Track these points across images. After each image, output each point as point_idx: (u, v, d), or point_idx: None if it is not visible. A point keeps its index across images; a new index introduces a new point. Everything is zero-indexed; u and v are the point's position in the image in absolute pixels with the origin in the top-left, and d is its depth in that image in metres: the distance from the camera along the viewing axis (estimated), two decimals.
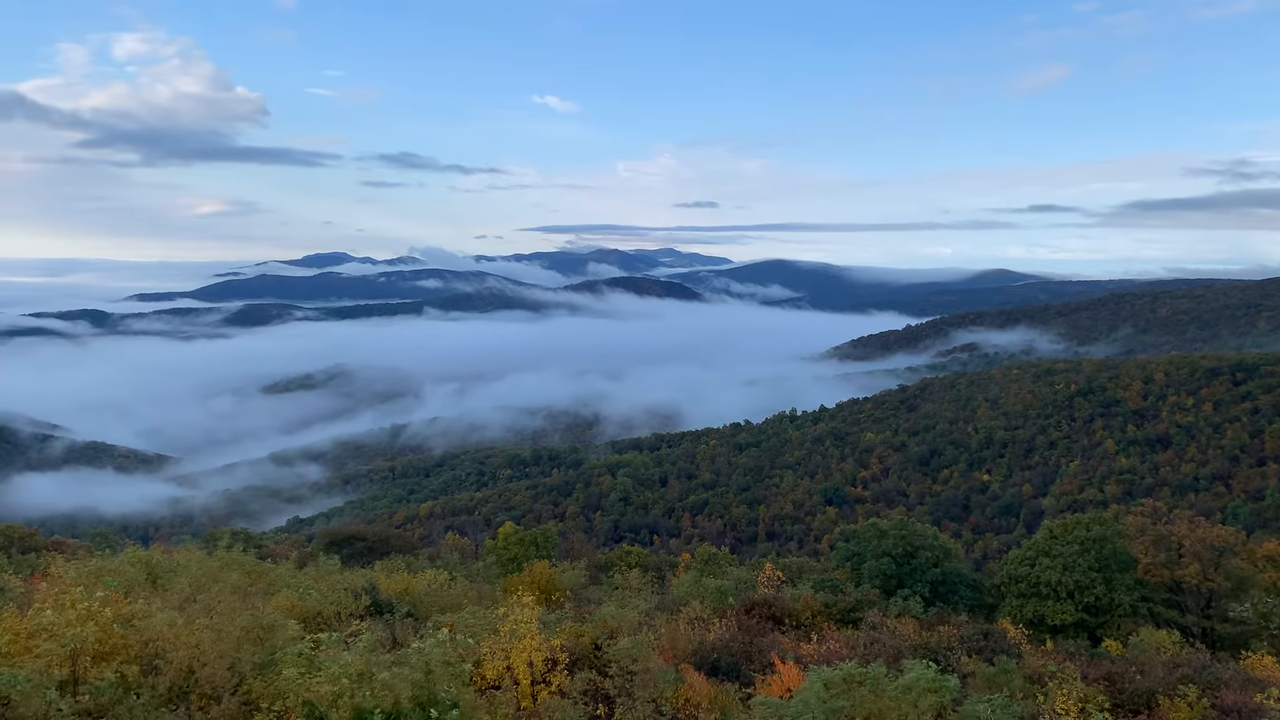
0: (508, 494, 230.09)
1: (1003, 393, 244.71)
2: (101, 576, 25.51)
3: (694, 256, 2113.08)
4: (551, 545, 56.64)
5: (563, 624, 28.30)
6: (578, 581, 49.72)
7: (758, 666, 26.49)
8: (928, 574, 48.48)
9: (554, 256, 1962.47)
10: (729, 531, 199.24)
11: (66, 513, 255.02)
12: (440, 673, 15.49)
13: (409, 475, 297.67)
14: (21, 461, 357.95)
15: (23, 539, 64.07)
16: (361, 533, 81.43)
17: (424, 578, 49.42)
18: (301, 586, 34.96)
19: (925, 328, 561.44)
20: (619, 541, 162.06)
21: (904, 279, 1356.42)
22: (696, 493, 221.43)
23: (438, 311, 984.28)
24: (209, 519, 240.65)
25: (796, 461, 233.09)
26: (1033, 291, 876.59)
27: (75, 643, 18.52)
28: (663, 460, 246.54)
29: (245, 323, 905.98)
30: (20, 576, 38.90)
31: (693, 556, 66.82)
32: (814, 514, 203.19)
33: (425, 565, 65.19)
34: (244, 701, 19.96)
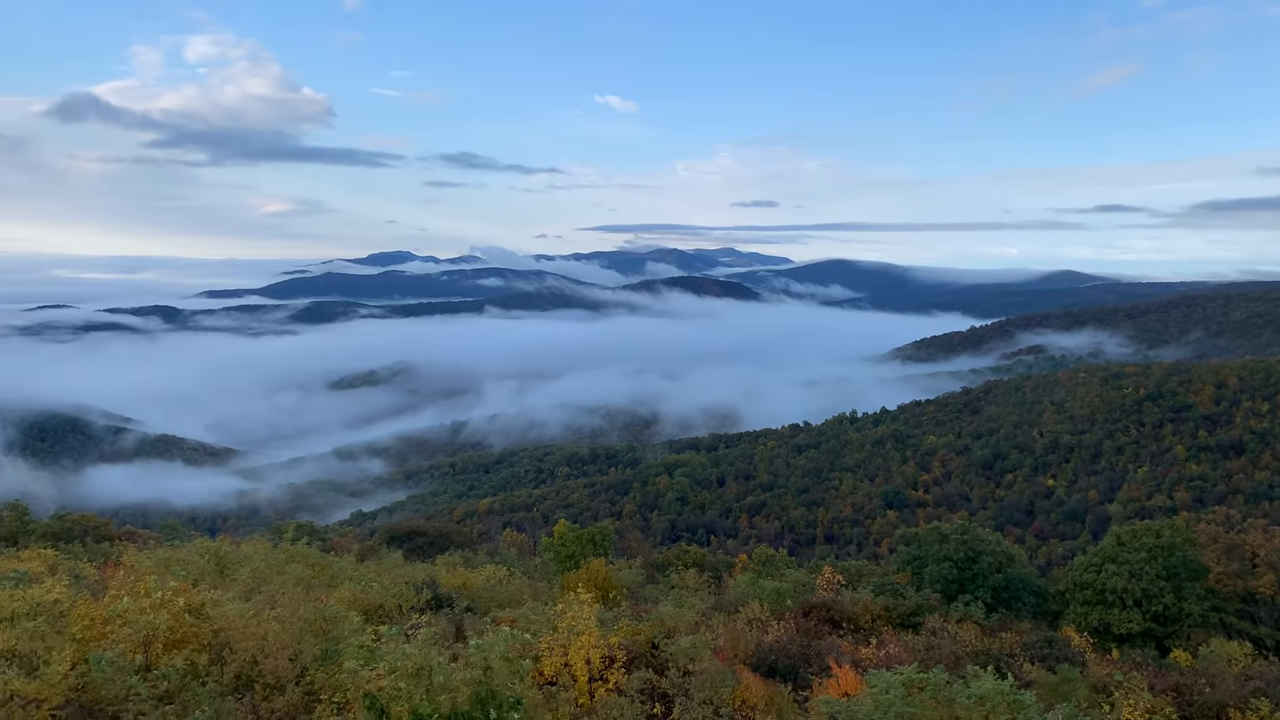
0: (565, 492, 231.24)
1: (1069, 396, 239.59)
2: (171, 566, 26.23)
3: (753, 256, 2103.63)
4: (609, 543, 56.78)
5: (620, 622, 28.38)
6: (634, 580, 49.79)
7: (815, 669, 26.31)
8: (990, 579, 47.71)
9: (613, 256, 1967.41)
10: (787, 533, 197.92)
11: (138, 504, 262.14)
12: (501, 669, 15.60)
13: (469, 471, 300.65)
14: (95, 453, 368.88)
15: (97, 528, 65.90)
16: (422, 528, 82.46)
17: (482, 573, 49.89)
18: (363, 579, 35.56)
19: (990, 329, 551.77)
20: (676, 541, 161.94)
21: (968, 279, 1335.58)
22: (754, 494, 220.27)
23: (498, 310, 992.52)
24: (274, 512, 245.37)
25: (857, 464, 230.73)
26: (1100, 293, 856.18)
27: (148, 630, 19.06)
28: (720, 460, 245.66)
29: (311, 320, 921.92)
30: (95, 565, 40.04)
31: (750, 557, 66.58)
32: (874, 517, 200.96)
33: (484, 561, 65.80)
34: (306, 692, 20.37)
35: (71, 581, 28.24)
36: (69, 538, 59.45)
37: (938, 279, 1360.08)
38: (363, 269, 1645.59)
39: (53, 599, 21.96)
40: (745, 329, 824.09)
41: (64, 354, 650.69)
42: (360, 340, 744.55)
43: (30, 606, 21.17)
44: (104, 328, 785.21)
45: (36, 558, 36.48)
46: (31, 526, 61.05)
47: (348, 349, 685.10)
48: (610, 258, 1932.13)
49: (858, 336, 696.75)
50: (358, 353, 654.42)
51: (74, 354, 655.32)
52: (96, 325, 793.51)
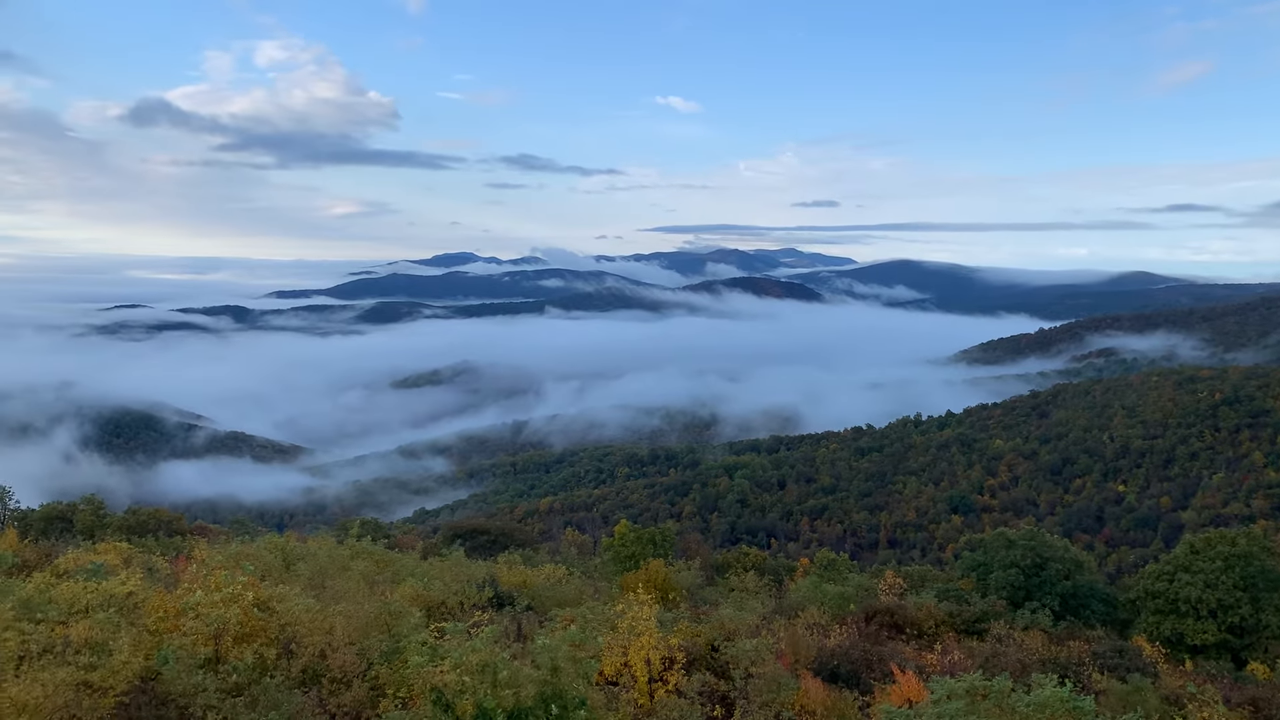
0: (625, 492, 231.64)
1: (1141, 400, 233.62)
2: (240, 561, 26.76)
3: (816, 257, 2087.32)
4: (669, 544, 56.72)
5: (680, 623, 28.31)
6: (693, 581, 49.69)
7: (877, 675, 25.99)
8: (1058, 586, 46.71)
9: (673, 256, 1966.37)
10: (849, 537, 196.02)
11: (208, 499, 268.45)
12: (567, 669, 15.60)
13: (529, 471, 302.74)
14: (167, 449, 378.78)
15: (169, 523, 67.54)
16: (484, 526, 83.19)
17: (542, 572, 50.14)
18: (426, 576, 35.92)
19: (1059, 331, 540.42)
20: (735, 543, 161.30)
21: (1036, 280, 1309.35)
22: (815, 497, 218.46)
23: (559, 311, 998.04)
24: (340, 508, 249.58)
25: (921, 468, 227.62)
26: (1174, 295, 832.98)
27: (219, 623, 19.44)
28: (781, 463, 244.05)
29: (377, 320, 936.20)
30: (167, 559, 41.02)
31: (811, 561, 66.03)
32: (938, 522, 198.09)
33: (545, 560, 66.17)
34: (372, 687, 20.62)
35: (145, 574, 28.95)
36: (143, 532, 61.05)
37: (1005, 280, 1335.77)
38: (427, 270, 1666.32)
39: (125, 591, 22.49)
40: (807, 330, 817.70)
41: (138, 352, 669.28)
42: (424, 340, 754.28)
43: (104, 598, 21.70)
44: (177, 327, 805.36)
45: (112, 551, 37.49)
46: (107, 520, 62.81)
47: (412, 349, 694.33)
48: (670, 258, 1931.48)
49: (923, 338, 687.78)
50: (422, 352, 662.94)
51: (148, 353, 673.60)
52: (170, 324, 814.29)
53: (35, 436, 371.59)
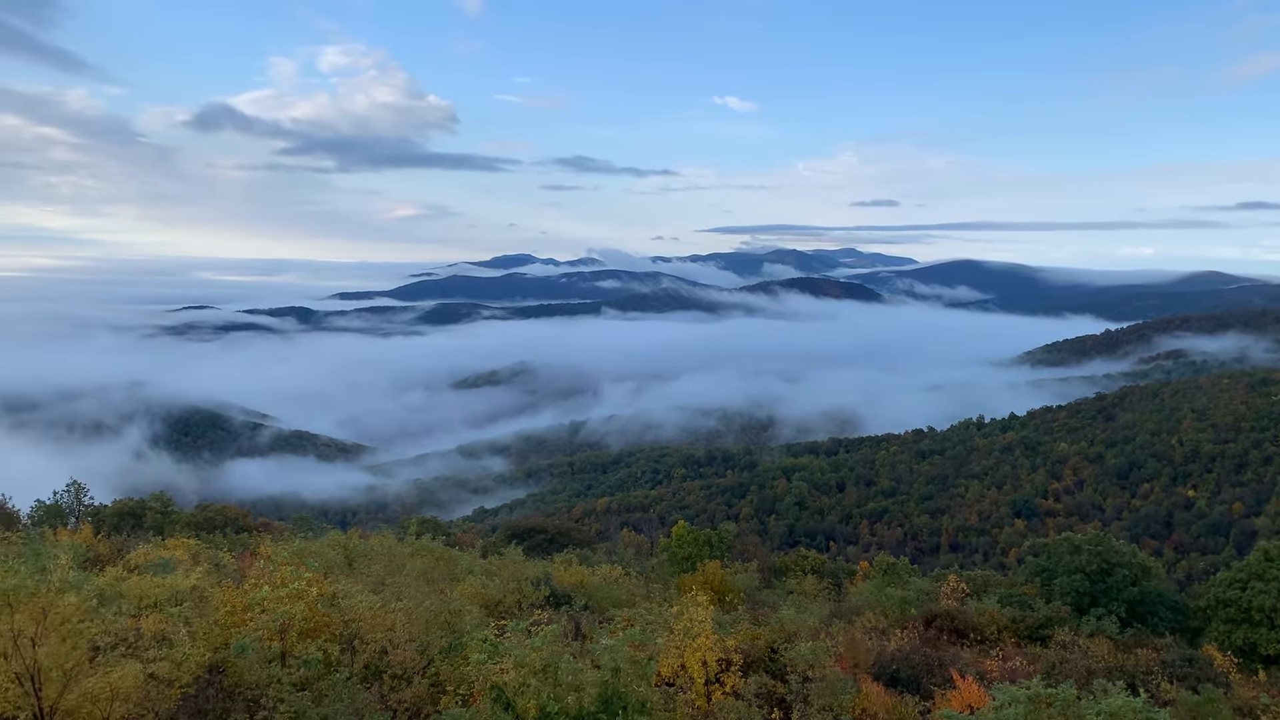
0: (682, 493, 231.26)
1: (1211, 403, 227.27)
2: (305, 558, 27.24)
3: (876, 257, 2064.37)
4: (726, 546, 56.53)
5: (737, 625, 28.20)
6: (751, 584, 49.45)
7: (938, 680, 25.65)
8: (1124, 593, 45.64)
9: (729, 257, 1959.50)
10: (909, 541, 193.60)
11: (273, 496, 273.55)
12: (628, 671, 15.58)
13: (587, 471, 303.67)
14: (234, 448, 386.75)
15: (236, 520, 69.06)
16: (542, 525, 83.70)
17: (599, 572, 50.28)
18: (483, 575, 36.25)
19: (1126, 333, 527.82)
20: (793, 546, 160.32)
21: (1101, 280, 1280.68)
22: (875, 500, 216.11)
23: (615, 312, 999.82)
24: (401, 507, 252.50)
25: (983, 471, 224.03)
26: (1247, 295, 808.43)
27: (285, 618, 19.81)
28: (840, 465, 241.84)
29: (437, 321, 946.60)
30: (234, 554, 41.90)
31: (871, 565, 65.34)
32: (1001, 526, 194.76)
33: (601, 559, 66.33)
34: (432, 684, 20.85)
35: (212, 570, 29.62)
36: (210, 528, 62.50)
37: (1070, 280, 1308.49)
38: (486, 271, 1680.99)
39: (191, 586, 23.02)
40: (866, 331, 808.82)
41: (206, 353, 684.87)
42: (483, 341, 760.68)
43: (172, 593, 22.24)
44: (243, 328, 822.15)
45: (180, 546, 38.41)
46: (176, 517, 64.38)
47: (471, 349, 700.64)
48: (727, 259, 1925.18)
49: (985, 339, 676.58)
50: (481, 353, 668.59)
51: (215, 353, 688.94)
52: (236, 325, 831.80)
53: (107, 434, 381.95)
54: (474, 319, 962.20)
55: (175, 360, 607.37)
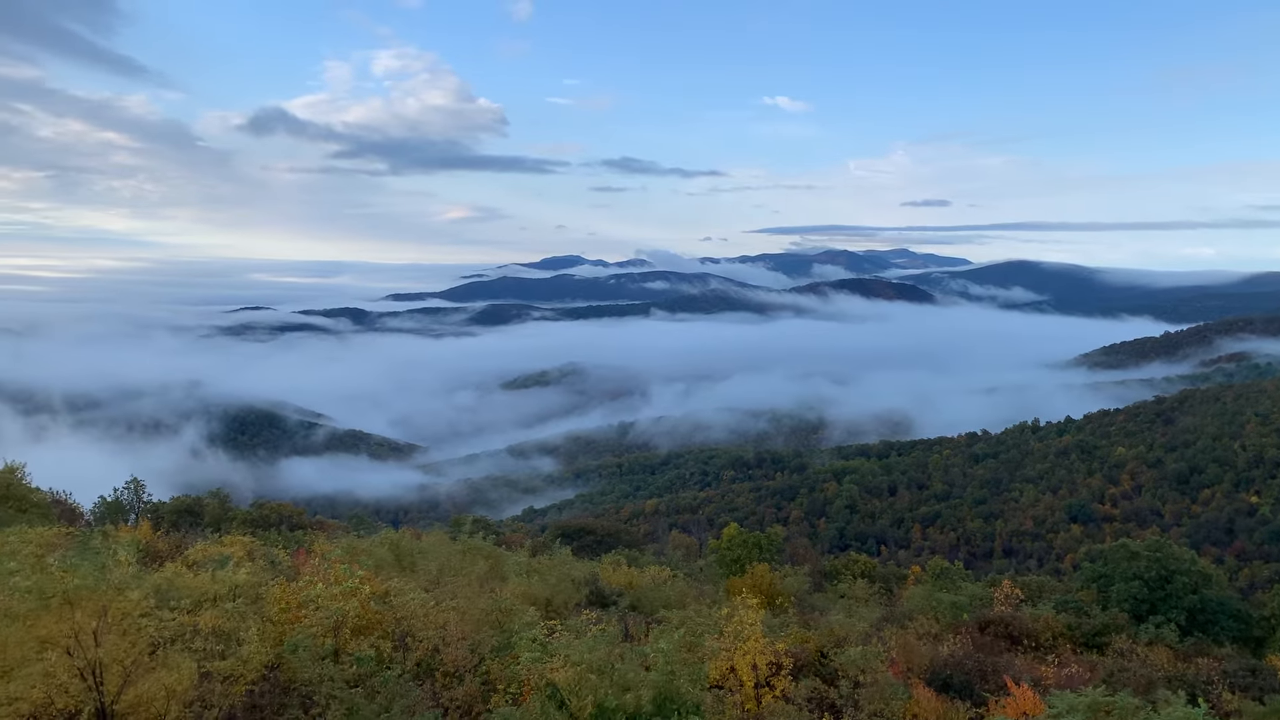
0: (731, 495, 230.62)
1: (1276, 407, 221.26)
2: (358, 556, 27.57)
3: (929, 257, 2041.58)
4: (776, 549, 56.23)
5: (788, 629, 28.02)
6: (801, 587, 49.14)
7: (991, 687, 25.27)
8: (1184, 600, 44.58)
9: (779, 258, 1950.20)
10: (962, 545, 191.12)
11: (327, 495, 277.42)
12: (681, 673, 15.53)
13: (635, 472, 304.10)
14: (289, 446, 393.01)
15: (291, 517, 70.14)
16: (591, 525, 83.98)
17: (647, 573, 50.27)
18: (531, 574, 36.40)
19: (1186, 335, 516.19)
20: (844, 549, 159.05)
21: (1161, 281, 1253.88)
22: (928, 504, 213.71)
23: (664, 313, 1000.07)
24: (452, 506, 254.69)
25: (1039, 475, 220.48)
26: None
27: (338, 616, 20.04)
28: (891, 468, 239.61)
29: (488, 322, 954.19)
30: (288, 551, 42.53)
31: (923, 569, 64.61)
32: (1056, 531, 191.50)
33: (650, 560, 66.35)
34: (483, 682, 20.98)
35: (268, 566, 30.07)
36: (266, 525, 63.53)
37: (1128, 281, 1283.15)
38: (535, 273, 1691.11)
39: (249, 582, 23.38)
40: (919, 333, 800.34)
41: (262, 353, 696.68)
42: (533, 342, 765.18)
43: (230, 589, 22.61)
44: (298, 328, 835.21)
45: (237, 543, 39.08)
46: (232, 514, 65.58)
47: (521, 350, 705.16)
48: (776, 260, 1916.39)
49: (1041, 341, 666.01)
50: (530, 354, 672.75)
51: (271, 353, 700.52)
52: (292, 326, 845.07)
53: (166, 433, 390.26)
54: (524, 320, 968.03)
55: (232, 360, 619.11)
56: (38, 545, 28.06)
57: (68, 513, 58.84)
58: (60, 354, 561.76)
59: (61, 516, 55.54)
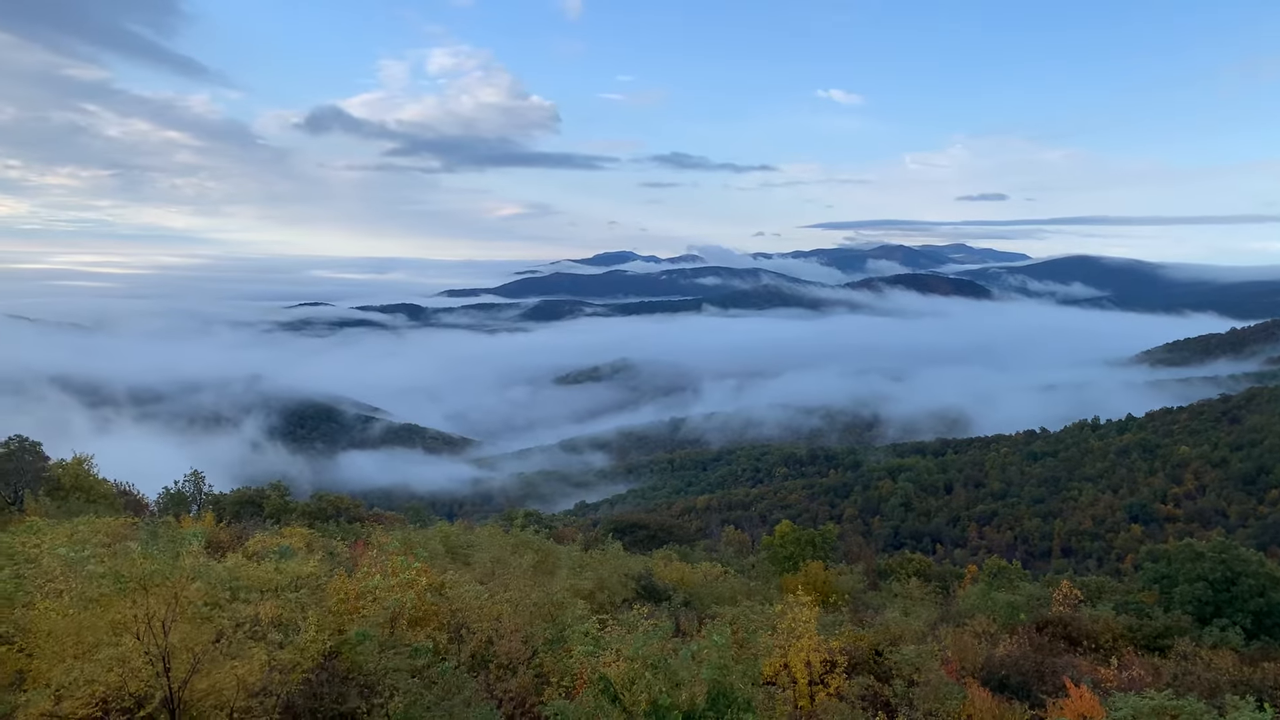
0: (783, 492, 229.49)
1: None
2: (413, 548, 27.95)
3: (987, 252, 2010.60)
4: (830, 547, 55.91)
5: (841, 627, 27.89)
6: (855, 586, 48.82)
7: (1050, 688, 24.92)
8: (1250, 603, 43.45)
9: (832, 253, 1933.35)
10: (1019, 545, 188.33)
11: (383, 488, 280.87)
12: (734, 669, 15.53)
13: (687, 468, 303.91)
14: (346, 440, 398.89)
15: (349, 509, 71.16)
16: (643, 521, 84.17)
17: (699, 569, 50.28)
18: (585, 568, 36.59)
19: (1253, 331, 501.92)
20: (899, 548, 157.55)
21: (1227, 277, 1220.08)
22: (984, 502, 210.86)
23: (716, 309, 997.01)
24: (506, 499, 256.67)
25: (1098, 474, 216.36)
26: None
27: (396, 607, 20.38)
28: (947, 466, 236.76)
29: (541, 317, 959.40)
30: (346, 543, 43.25)
31: (980, 568, 63.80)
32: (1116, 531, 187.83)
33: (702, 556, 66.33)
34: (536, 675, 21.19)
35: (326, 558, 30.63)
36: (324, 517, 64.59)
37: (1192, 276, 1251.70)
38: (588, 269, 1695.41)
39: (309, 573, 23.86)
40: (976, 329, 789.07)
41: (321, 348, 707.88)
42: (585, 337, 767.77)
43: (291, 579, 23.08)
44: (356, 324, 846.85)
45: (296, 535, 39.85)
46: (292, 506, 66.77)
47: (573, 346, 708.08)
48: (830, 255, 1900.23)
49: (1101, 338, 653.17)
50: (583, 349, 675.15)
51: (329, 348, 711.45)
52: (349, 321, 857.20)
53: (227, 426, 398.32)
54: (576, 316, 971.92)
55: (291, 355, 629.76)
56: (106, 534, 28.93)
57: (133, 503, 60.41)
58: (125, 348, 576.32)
59: (127, 507, 57.04)
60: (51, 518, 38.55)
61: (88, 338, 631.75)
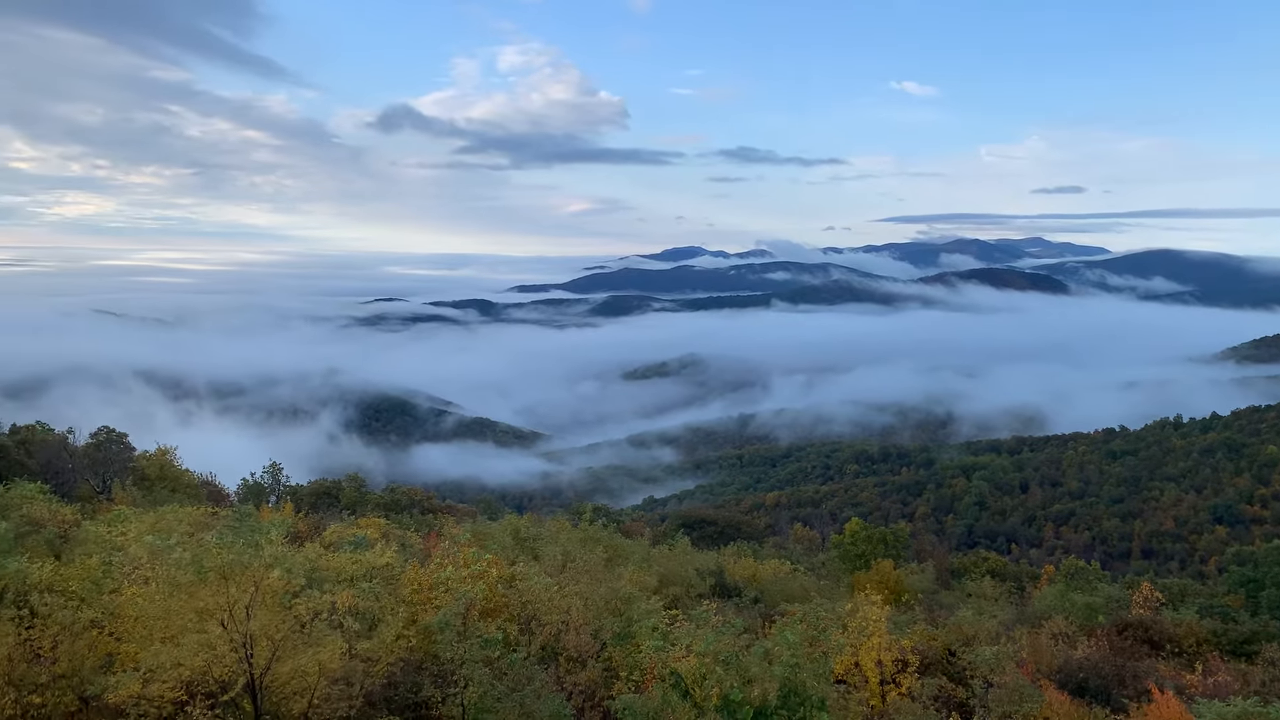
0: (854, 490, 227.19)
1: None
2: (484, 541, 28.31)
3: (1065, 246, 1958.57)
4: (902, 546, 55.25)
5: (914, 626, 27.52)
6: (927, 585, 48.18)
7: (1131, 693, 24.30)
8: None
9: (905, 247, 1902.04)
10: (1097, 545, 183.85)
11: (455, 480, 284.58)
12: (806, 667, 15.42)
13: (755, 464, 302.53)
14: (419, 433, 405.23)
15: (421, 501, 72.38)
16: (712, 516, 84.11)
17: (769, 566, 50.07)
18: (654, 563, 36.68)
19: None
20: (972, 547, 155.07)
21: None
22: (1061, 501, 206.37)
23: (785, 304, 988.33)
24: (574, 493, 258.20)
25: (1181, 474, 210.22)
26: None
27: (468, 598, 20.66)
28: (1023, 465, 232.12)
29: (609, 313, 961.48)
30: (419, 534, 43.96)
31: (1057, 569, 62.48)
32: (1199, 533, 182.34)
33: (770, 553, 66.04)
34: (605, 668, 21.29)
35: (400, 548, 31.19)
36: (398, 508, 65.80)
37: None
38: (656, 264, 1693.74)
39: (384, 563, 24.31)
40: (1053, 325, 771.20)
41: (395, 343, 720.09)
42: (653, 333, 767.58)
43: (367, 569, 23.54)
44: (429, 319, 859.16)
45: (371, 525, 40.64)
46: (367, 497, 68.16)
47: (641, 341, 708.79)
48: (902, 249, 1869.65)
49: (1184, 334, 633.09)
50: (651, 345, 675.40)
51: (403, 343, 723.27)
52: (423, 317, 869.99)
53: (304, 418, 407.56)
54: (645, 311, 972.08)
55: (367, 349, 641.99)
56: (189, 523, 29.85)
57: (215, 494, 62.26)
58: (206, 343, 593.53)
59: (209, 497, 58.78)
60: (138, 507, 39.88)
61: (171, 332, 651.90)
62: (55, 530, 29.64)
